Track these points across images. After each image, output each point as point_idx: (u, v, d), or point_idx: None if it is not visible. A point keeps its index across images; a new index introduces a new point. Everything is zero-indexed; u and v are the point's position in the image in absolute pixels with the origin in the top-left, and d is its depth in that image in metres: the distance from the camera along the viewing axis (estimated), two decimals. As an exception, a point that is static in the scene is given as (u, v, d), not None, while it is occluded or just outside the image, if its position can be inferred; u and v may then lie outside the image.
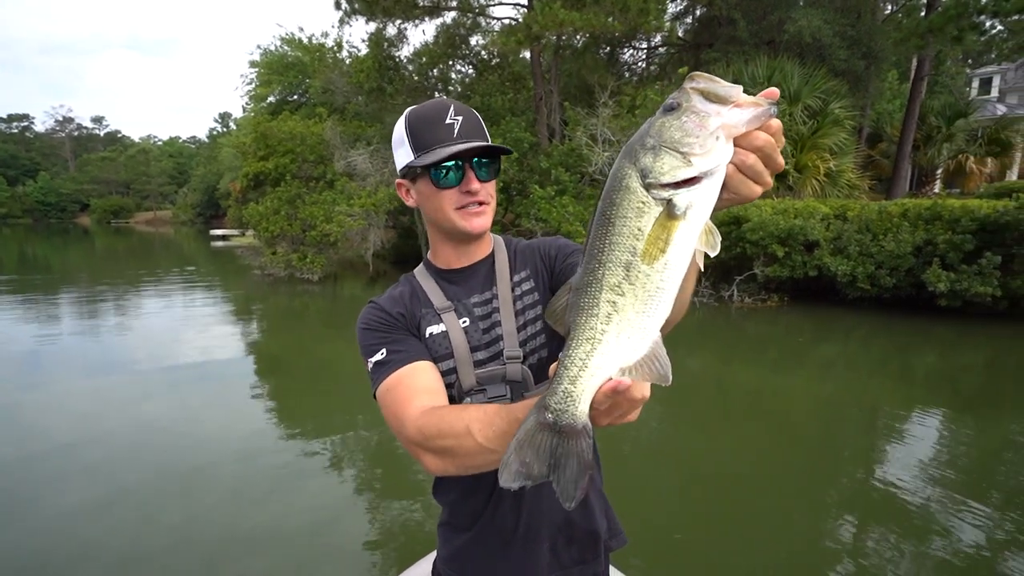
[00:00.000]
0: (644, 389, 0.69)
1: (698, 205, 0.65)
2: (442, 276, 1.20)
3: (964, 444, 4.95)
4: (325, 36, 25.97)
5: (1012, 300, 8.69)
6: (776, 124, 0.66)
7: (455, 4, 15.80)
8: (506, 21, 15.25)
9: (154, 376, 6.86)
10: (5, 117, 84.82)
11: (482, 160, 1.09)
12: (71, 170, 79.45)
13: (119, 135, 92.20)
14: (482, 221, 1.12)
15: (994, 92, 26.64)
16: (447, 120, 1.07)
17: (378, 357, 1.07)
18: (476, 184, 1.08)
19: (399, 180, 1.17)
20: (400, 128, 1.11)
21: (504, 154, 1.12)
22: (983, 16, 12.41)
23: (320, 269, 14.71)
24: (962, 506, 3.65)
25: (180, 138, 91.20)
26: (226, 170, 41.22)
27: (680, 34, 19.81)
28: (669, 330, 0.73)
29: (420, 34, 29.01)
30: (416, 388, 1.01)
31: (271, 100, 28.55)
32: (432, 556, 1.36)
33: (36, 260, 24.34)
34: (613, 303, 0.68)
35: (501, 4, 15.95)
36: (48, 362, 7.54)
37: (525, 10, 13.86)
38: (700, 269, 0.71)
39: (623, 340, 0.68)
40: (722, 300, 10.71)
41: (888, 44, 15.69)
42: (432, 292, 1.17)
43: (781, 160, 0.68)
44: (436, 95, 17.87)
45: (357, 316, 1.14)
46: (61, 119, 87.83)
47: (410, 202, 1.17)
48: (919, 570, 3.02)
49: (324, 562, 3.18)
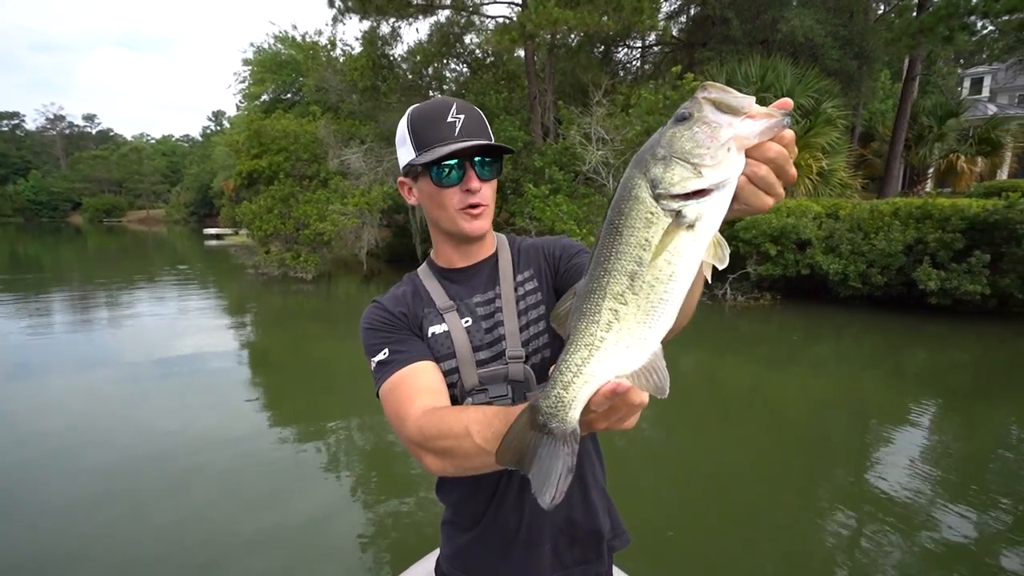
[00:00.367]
0: (643, 395, 0.69)
1: (707, 217, 0.64)
2: (445, 275, 1.19)
3: (954, 440, 5.01)
4: (319, 34, 25.85)
5: (1001, 298, 8.78)
6: (789, 135, 0.65)
7: (449, 2, 15.78)
8: (500, 20, 15.24)
9: (148, 375, 6.83)
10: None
11: (484, 159, 1.09)
12: (63, 168, 78.66)
13: (111, 133, 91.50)
14: (481, 223, 1.12)
15: (985, 92, 26.90)
16: (449, 118, 1.06)
17: (381, 357, 1.08)
18: (476, 183, 1.08)
19: (401, 179, 1.16)
20: (403, 126, 1.11)
21: (506, 153, 1.11)
22: (973, 16, 12.51)
23: (314, 268, 14.67)
24: (953, 501, 3.69)
25: (173, 136, 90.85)
26: (219, 169, 41.03)
27: (674, 33, 19.87)
28: (672, 336, 0.73)
29: (414, 32, 28.89)
30: (418, 388, 1.02)
31: (265, 98, 28.42)
32: (435, 554, 1.36)
33: (27, 259, 24.14)
34: (615, 311, 0.67)
35: (495, 2, 16.00)
36: (41, 361, 7.49)
37: (519, 8, 13.87)
38: (707, 281, 0.70)
39: (621, 349, 0.68)
40: (715, 298, 10.76)
41: (880, 44, 15.79)
42: (435, 291, 1.17)
43: (794, 171, 0.67)
44: (430, 94, 17.84)
45: (352, 315, 1.16)
46: (52, 117, 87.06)
47: (412, 200, 1.16)
48: (910, 565, 3.06)
49: (321, 561, 3.17)
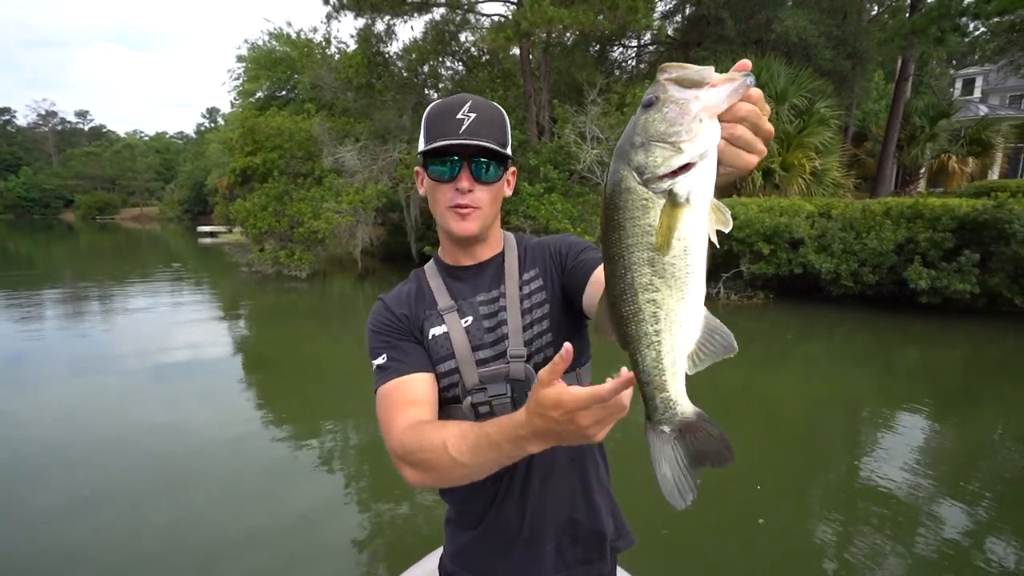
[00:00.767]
0: (627, 400, 0.71)
1: (699, 188, 0.66)
2: (450, 273, 1.20)
3: (945, 436, 5.07)
4: (314, 31, 25.72)
5: (990, 297, 8.88)
6: (756, 93, 0.66)
7: (444, 0, 15.75)
8: (495, 18, 15.25)
9: (142, 373, 6.81)
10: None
11: (482, 160, 1.07)
12: (55, 165, 77.97)
13: (104, 130, 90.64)
14: (468, 225, 1.10)
15: (977, 93, 27.13)
16: (459, 115, 1.05)
17: (380, 361, 1.10)
18: (466, 183, 1.07)
19: (417, 168, 1.17)
20: (424, 118, 1.12)
21: (504, 158, 1.10)
22: (965, 18, 12.63)
23: (308, 266, 14.64)
24: (945, 496, 3.75)
25: (167, 133, 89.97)
26: (214, 166, 40.75)
27: (669, 33, 19.90)
28: None
29: (409, 30, 28.85)
30: (407, 399, 1.04)
31: (259, 96, 28.24)
32: (439, 551, 1.36)
33: (19, 256, 23.95)
34: (653, 301, 0.69)
35: (490, 0, 15.94)
36: (33, 359, 7.45)
37: (514, 7, 13.86)
38: (715, 245, 0.72)
39: (677, 331, 0.70)
40: (709, 297, 10.72)
41: (873, 45, 15.89)
42: (438, 291, 1.17)
43: (769, 126, 0.68)
44: (425, 92, 17.81)
45: (346, 313, 1.18)
46: (44, 113, 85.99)
47: (421, 191, 1.17)
48: (901, 562, 3.09)
49: (317, 560, 3.16)
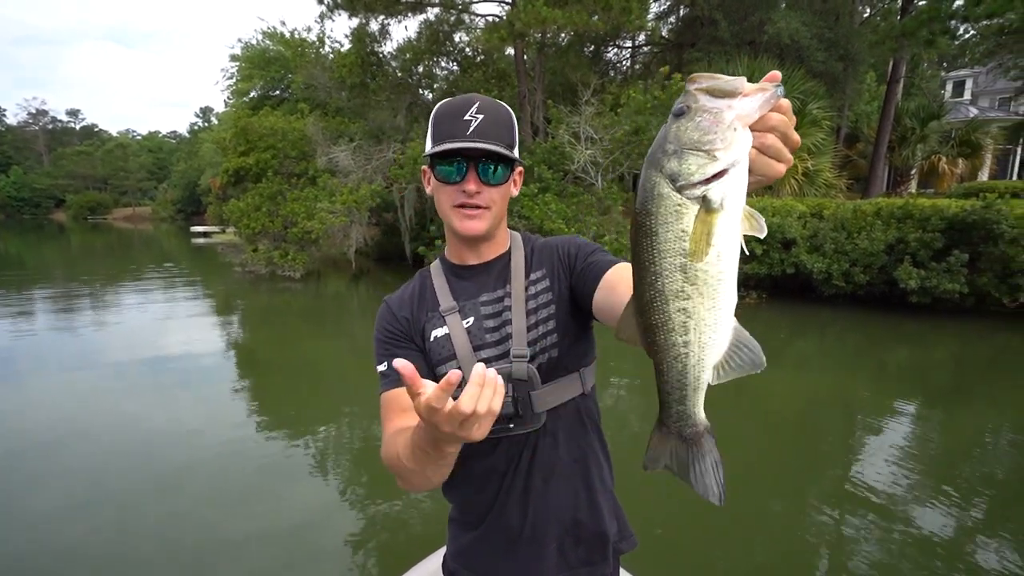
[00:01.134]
0: (467, 406, 0.71)
1: (732, 194, 0.67)
2: (455, 273, 1.19)
3: (935, 435, 5.13)
4: (308, 31, 25.63)
5: (978, 297, 8.98)
6: (786, 103, 0.68)
7: (438, 0, 15.76)
8: (490, 18, 15.26)
9: (134, 374, 6.78)
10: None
11: (488, 163, 1.07)
12: (45, 164, 77.28)
13: (96, 129, 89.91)
14: (474, 224, 1.10)
15: (967, 95, 27.38)
16: (466, 116, 1.04)
17: (382, 368, 1.13)
18: (473, 186, 1.06)
19: (424, 167, 1.16)
20: (431, 117, 1.12)
21: (512, 161, 1.10)
22: (955, 21, 12.75)
23: (302, 266, 14.59)
24: (936, 495, 3.78)
25: (160, 133, 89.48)
26: (207, 166, 40.64)
27: (663, 33, 20.02)
28: None
29: (403, 30, 28.84)
30: (401, 407, 1.06)
31: (253, 95, 28.17)
32: (443, 551, 1.37)
33: (9, 256, 23.73)
34: (683, 310, 0.69)
35: (485, 1, 15.97)
36: (24, 359, 7.40)
37: (508, 7, 13.89)
38: (745, 252, 0.73)
39: (706, 340, 0.71)
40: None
41: (865, 47, 16.05)
42: (441, 291, 1.17)
43: (797, 136, 0.69)
44: (420, 92, 17.82)
45: (340, 313, 1.20)
46: (34, 112, 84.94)
47: (428, 190, 1.17)
48: (893, 558, 3.13)
49: (312, 561, 3.15)
